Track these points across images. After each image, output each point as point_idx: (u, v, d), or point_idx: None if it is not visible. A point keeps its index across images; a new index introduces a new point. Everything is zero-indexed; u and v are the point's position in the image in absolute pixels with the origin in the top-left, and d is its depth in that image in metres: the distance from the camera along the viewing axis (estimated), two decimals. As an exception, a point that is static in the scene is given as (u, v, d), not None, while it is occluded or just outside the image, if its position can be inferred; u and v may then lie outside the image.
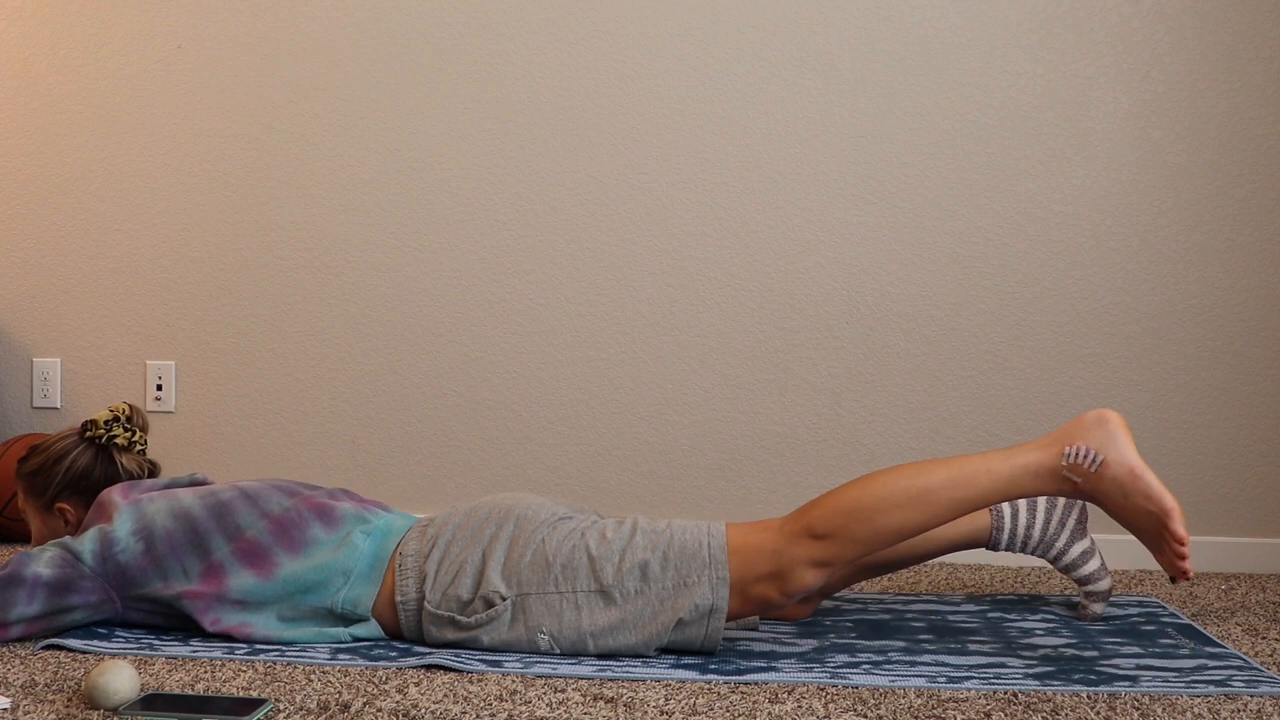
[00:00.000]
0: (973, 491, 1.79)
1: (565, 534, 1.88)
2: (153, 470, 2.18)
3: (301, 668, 1.80)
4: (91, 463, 2.10)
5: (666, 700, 1.66)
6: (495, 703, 1.64)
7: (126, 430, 2.13)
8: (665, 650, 1.89)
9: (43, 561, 1.90)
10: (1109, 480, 1.77)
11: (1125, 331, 2.71)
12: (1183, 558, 1.76)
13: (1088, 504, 2.15)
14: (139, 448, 2.15)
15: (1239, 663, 1.87)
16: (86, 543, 1.92)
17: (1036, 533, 2.10)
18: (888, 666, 1.83)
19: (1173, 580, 1.83)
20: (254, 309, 2.92)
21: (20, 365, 2.99)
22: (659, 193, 2.80)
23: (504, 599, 1.85)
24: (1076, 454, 1.77)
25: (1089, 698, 1.69)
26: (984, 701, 1.67)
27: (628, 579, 1.83)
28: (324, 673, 1.78)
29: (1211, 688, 1.73)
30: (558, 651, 1.85)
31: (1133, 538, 2.64)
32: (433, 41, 2.84)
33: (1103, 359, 2.72)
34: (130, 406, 2.15)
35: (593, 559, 1.84)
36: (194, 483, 2.13)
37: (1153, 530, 1.77)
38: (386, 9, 2.85)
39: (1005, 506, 2.10)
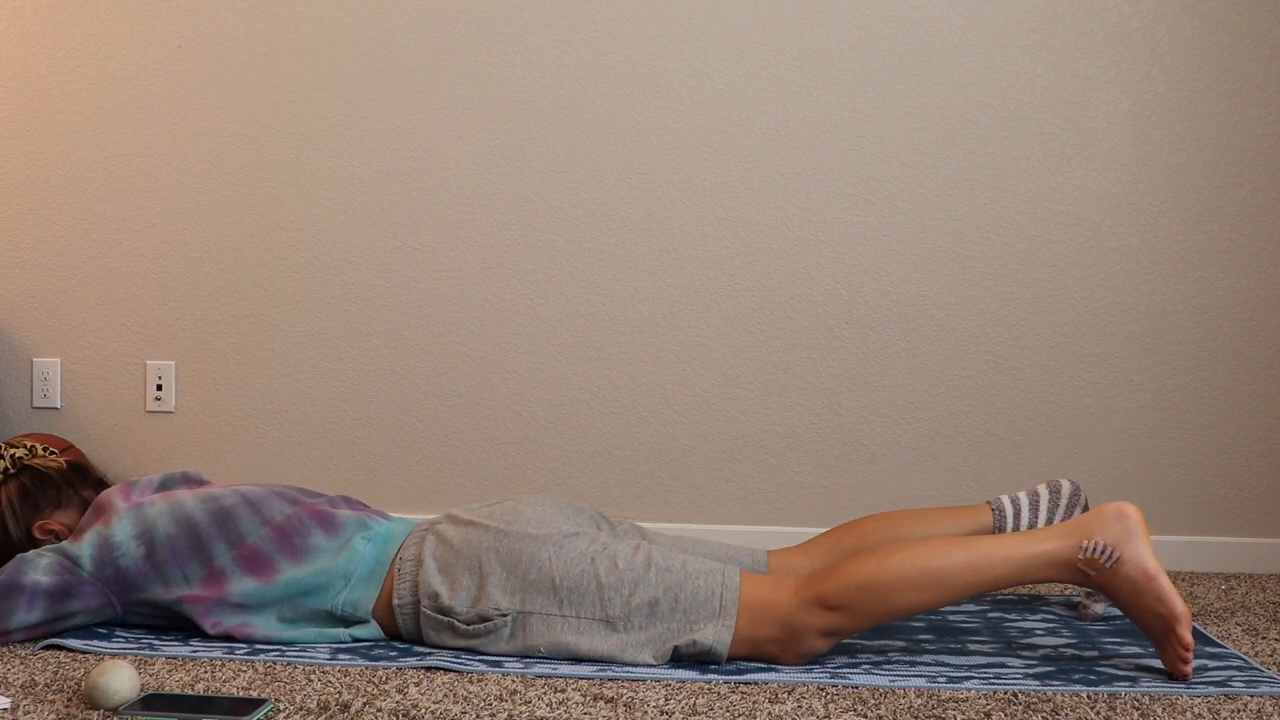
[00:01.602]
0: (986, 576, 1.79)
1: (574, 556, 1.86)
2: (75, 465, 2.14)
3: (301, 668, 1.80)
4: (22, 485, 2.07)
5: (666, 700, 1.66)
6: (495, 703, 1.64)
7: (24, 451, 2.10)
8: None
9: (41, 568, 1.89)
10: (1122, 578, 1.77)
11: (1125, 331, 2.71)
12: (1186, 662, 1.76)
13: (1088, 504, 2.15)
14: (45, 450, 2.13)
15: (1239, 663, 1.87)
16: (85, 547, 1.91)
17: (1036, 533, 2.10)
18: (888, 666, 1.83)
19: (1170, 678, 1.82)
20: (254, 309, 2.92)
21: (20, 365, 2.99)
22: (659, 193, 2.80)
23: (504, 615, 1.84)
24: (1094, 549, 1.77)
25: (1089, 698, 1.69)
26: (984, 701, 1.67)
27: (634, 615, 1.82)
28: (324, 673, 1.78)
29: (1211, 688, 1.73)
30: (551, 659, 1.85)
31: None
32: (433, 41, 2.84)
33: (1103, 359, 2.72)
34: (15, 446, 2.13)
35: (601, 587, 1.83)
36: (188, 479, 2.11)
37: (1159, 629, 1.77)
38: (386, 9, 2.85)
39: (1007, 507, 2.10)
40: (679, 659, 1.82)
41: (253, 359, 2.92)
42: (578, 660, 1.83)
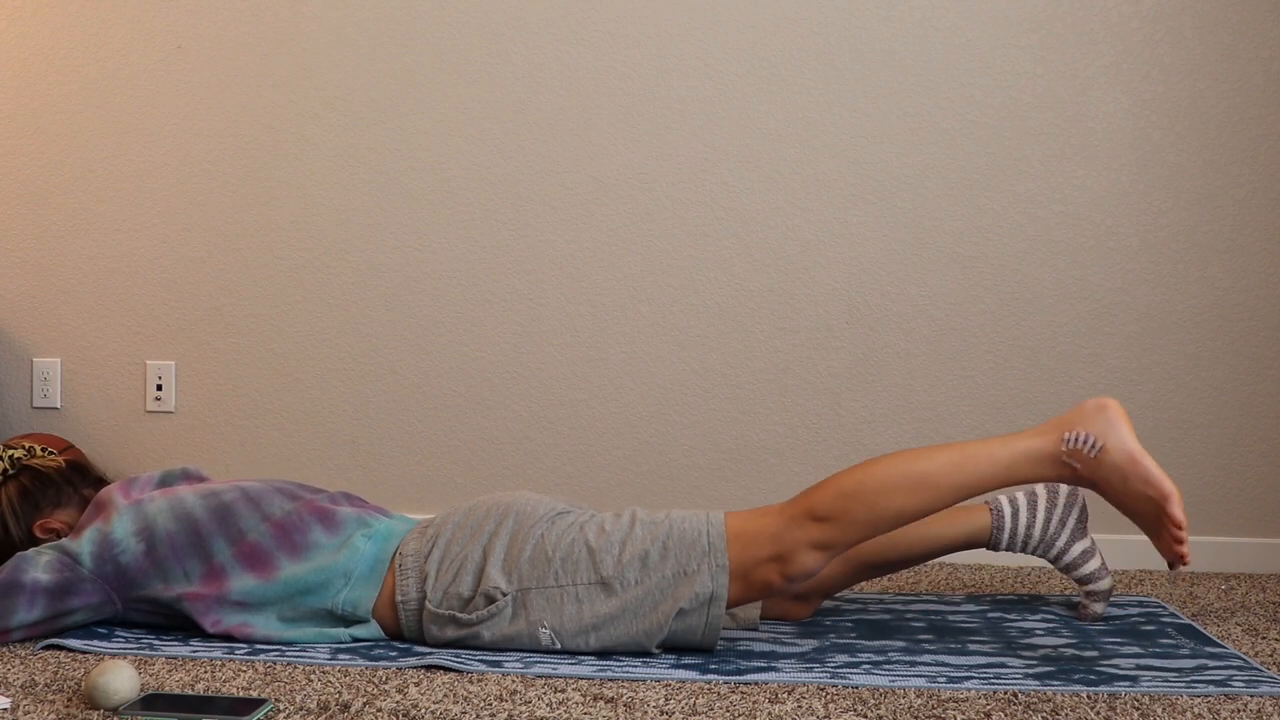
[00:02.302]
0: (972, 476, 1.79)
1: (564, 528, 1.88)
2: (74, 464, 2.14)
3: (301, 668, 1.80)
4: (21, 486, 2.07)
5: (666, 700, 1.66)
6: (495, 703, 1.64)
7: (23, 451, 2.10)
8: (666, 647, 1.89)
9: (41, 566, 1.89)
10: (1108, 466, 1.77)
11: (1125, 331, 2.71)
12: (1180, 542, 1.76)
13: (1088, 505, 2.15)
14: (44, 450, 2.13)
15: (1239, 663, 1.87)
16: (85, 544, 1.91)
17: (1037, 532, 2.10)
18: (888, 666, 1.83)
19: (1170, 566, 1.82)
20: (254, 309, 2.92)
21: (20, 365, 2.99)
22: (659, 193, 2.80)
23: (505, 594, 1.85)
24: (1076, 439, 1.77)
25: (1089, 698, 1.69)
26: (984, 701, 1.67)
27: (628, 570, 1.83)
28: (324, 673, 1.78)
29: (1211, 688, 1.73)
30: (559, 647, 1.85)
31: (1133, 537, 2.64)
32: (432, 41, 2.84)
33: (1103, 359, 2.72)
34: (13, 447, 2.12)
35: (592, 551, 1.85)
36: (187, 475, 2.11)
37: (1151, 515, 1.77)
38: (386, 9, 2.85)
39: (1005, 506, 2.10)
40: (685, 625, 1.82)
41: (253, 359, 2.92)
42: (578, 652, 1.84)
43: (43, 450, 2.13)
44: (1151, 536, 1.79)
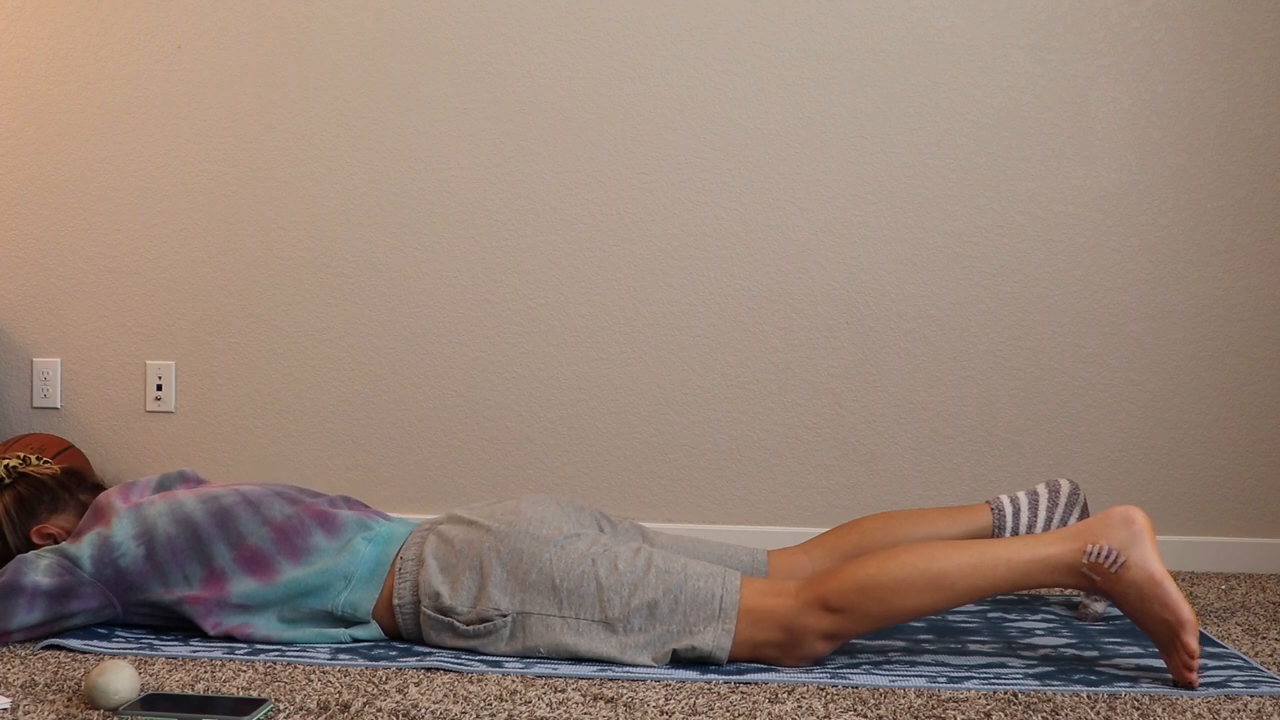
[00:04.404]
0: (988, 580, 1.77)
1: (575, 557, 1.86)
2: (70, 471, 2.13)
3: (301, 668, 1.80)
4: (18, 494, 2.05)
5: (666, 700, 1.66)
6: (495, 703, 1.64)
7: (17, 460, 2.09)
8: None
9: (41, 569, 1.89)
10: (1127, 582, 1.75)
11: (1125, 331, 2.71)
12: (1191, 669, 1.73)
13: (1087, 503, 2.15)
14: (39, 459, 2.12)
15: (1239, 663, 1.87)
16: (85, 548, 1.91)
17: (1038, 530, 2.10)
18: (888, 666, 1.83)
19: (1175, 686, 1.79)
20: (254, 309, 2.92)
21: (20, 365, 2.99)
22: (659, 193, 2.80)
23: (504, 615, 1.84)
24: (1099, 553, 1.75)
25: (1089, 698, 1.69)
26: (984, 701, 1.67)
27: (634, 616, 1.82)
28: (324, 673, 1.78)
29: (1211, 688, 1.73)
30: (551, 660, 1.85)
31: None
32: (433, 41, 2.84)
33: (1103, 359, 2.72)
34: (6, 457, 2.12)
35: (601, 588, 1.83)
36: (185, 479, 2.11)
37: (1165, 636, 1.74)
38: (386, 9, 2.85)
39: (1006, 506, 2.10)
40: (678, 661, 1.82)
41: (253, 359, 2.92)
42: (578, 660, 1.83)
43: (38, 459, 2.12)
44: (1163, 655, 1.76)
